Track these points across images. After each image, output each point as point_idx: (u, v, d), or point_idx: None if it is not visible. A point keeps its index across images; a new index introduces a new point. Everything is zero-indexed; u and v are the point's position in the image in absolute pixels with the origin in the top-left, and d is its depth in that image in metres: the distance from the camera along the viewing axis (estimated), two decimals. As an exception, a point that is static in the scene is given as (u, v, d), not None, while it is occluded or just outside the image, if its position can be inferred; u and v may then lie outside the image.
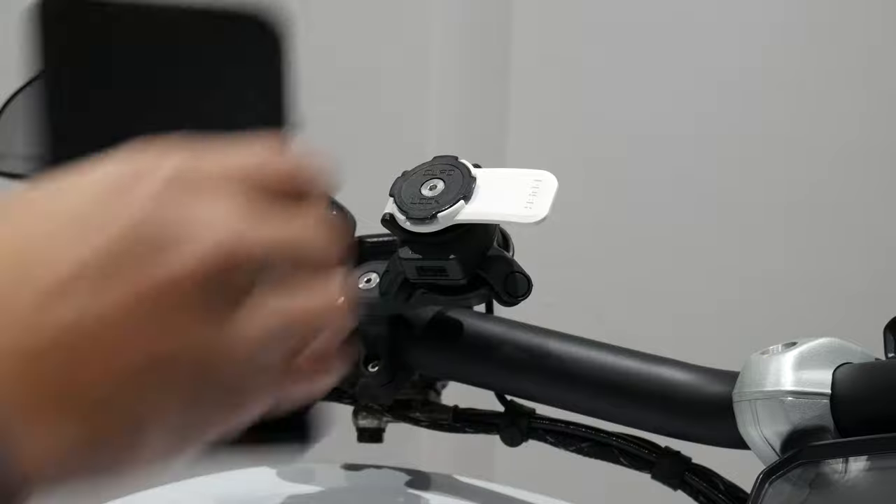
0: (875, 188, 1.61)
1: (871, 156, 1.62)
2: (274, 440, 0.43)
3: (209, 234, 0.33)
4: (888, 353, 0.53)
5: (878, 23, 1.63)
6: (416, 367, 0.65)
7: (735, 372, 0.56)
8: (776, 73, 1.63)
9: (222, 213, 0.33)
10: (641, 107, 1.63)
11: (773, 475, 0.51)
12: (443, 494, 0.67)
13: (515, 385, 0.63)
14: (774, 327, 1.47)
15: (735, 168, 1.63)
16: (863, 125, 1.62)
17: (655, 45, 1.64)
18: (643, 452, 0.62)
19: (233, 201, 0.34)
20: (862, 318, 0.80)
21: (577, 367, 0.60)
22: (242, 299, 0.33)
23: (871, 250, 1.60)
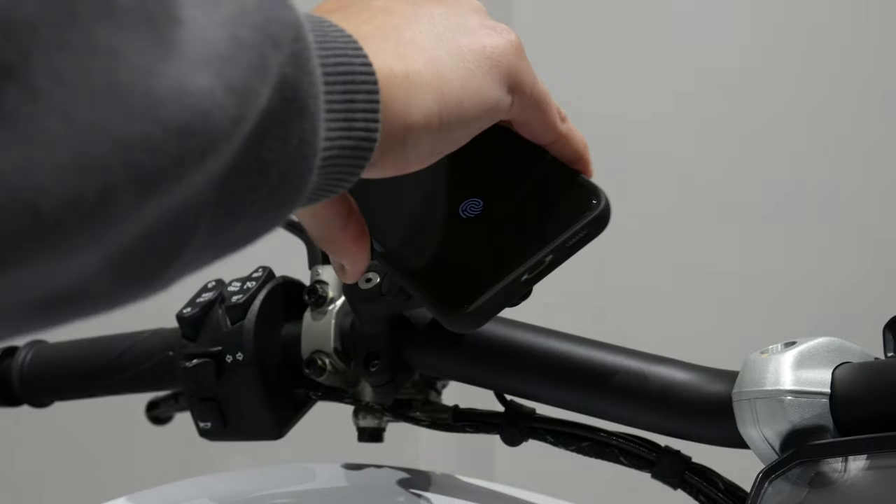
0: (875, 188, 1.62)
1: (871, 155, 1.62)
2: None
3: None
4: (887, 352, 0.53)
5: (879, 23, 1.63)
6: (417, 367, 0.65)
7: (734, 371, 0.56)
8: (776, 74, 1.63)
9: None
10: (642, 107, 1.63)
11: (773, 474, 0.51)
12: (443, 494, 0.67)
13: (515, 385, 0.63)
14: (774, 327, 1.48)
15: (735, 168, 1.63)
16: (863, 125, 1.62)
17: (655, 45, 1.65)
18: (643, 452, 0.62)
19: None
20: (861, 317, 0.80)
21: (577, 367, 0.60)
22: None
23: (871, 250, 1.60)
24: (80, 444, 1.57)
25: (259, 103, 0.33)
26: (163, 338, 0.73)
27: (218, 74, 0.31)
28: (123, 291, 0.33)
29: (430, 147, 0.44)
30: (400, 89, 0.41)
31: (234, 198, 0.34)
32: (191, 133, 0.30)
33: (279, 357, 0.67)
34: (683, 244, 1.63)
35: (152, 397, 0.85)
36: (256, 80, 0.33)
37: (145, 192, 0.30)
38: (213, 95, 0.31)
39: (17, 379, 0.78)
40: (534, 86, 0.48)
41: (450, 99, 0.43)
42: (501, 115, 0.46)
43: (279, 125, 0.34)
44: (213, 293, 0.68)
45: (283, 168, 0.35)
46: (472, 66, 0.44)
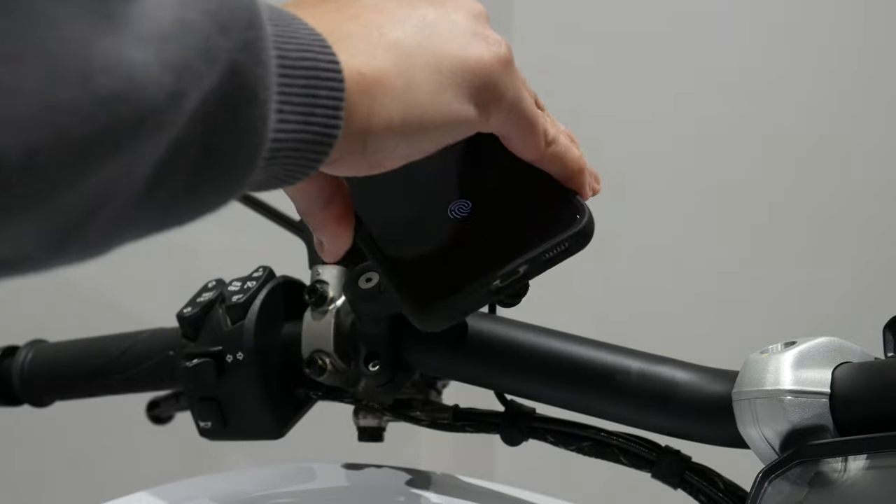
0: (875, 188, 1.62)
1: (871, 155, 1.62)
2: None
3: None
4: (887, 352, 0.53)
5: (879, 23, 1.63)
6: (417, 367, 0.65)
7: (734, 371, 0.56)
8: (776, 74, 1.63)
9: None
10: (642, 106, 1.63)
11: (773, 474, 0.51)
12: (443, 494, 0.67)
13: (515, 385, 0.63)
14: (774, 326, 1.48)
15: (735, 168, 1.63)
16: (863, 125, 1.62)
17: (655, 45, 1.65)
18: (643, 451, 0.62)
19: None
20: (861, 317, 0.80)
21: (577, 367, 0.60)
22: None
23: (871, 250, 1.60)
24: (80, 444, 1.57)
25: (202, 84, 0.33)
26: (163, 337, 0.73)
27: (157, 52, 0.32)
28: (58, 258, 0.34)
29: (392, 153, 0.43)
30: (366, 93, 0.41)
31: (175, 176, 0.34)
32: (123, 102, 0.31)
33: (279, 357, 0.67)
34: (683, 244, 1.63)
35: (153, 397, 0.85)
36: (198, 62, 0.33)
37: (76, 159, 0.30)
38: (148, 70, 0.31)
39: (18, 379, 0.78)
40: (515, 103, 0.46)
41: (414, 109, 0.43)
42: (473, 128, 0.46)
43: (226, 110, 0.35)
44: (214, 293, 0.68)
45: (227, 152, 0.36)
46: (446, 79, 0.44)
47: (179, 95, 0.32)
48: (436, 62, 0.44)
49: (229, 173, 0.37)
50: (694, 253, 1.63)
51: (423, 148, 0.45)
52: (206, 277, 0.70)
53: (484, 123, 0.46)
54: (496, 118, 0.46)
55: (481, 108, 0.45)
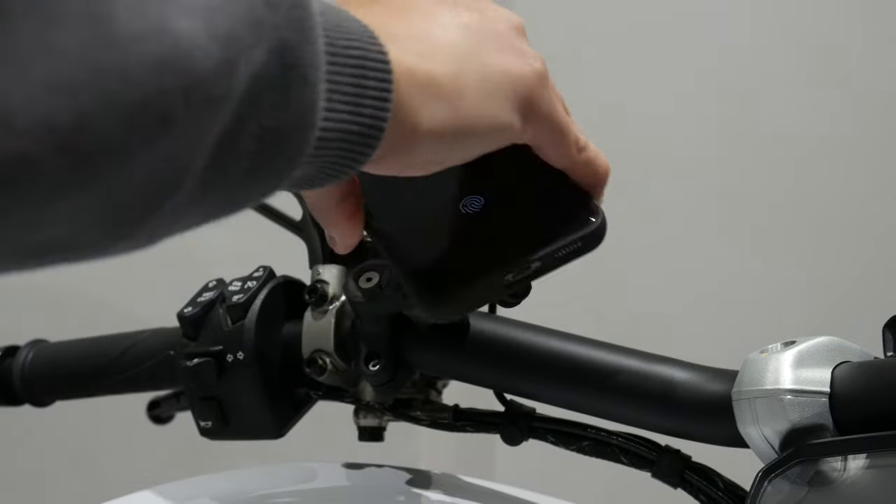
0: (875, 188, 1.62)
1: (871, 155, 1.62)
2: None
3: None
4: (887, 351, 0.53)
5: (879, 23, 1.63)
6: (417, 366, 0.65)
7: (734, 371, 0.56)
8: (777, 74, 1.63)
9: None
10: (642, 106, 1.63)
11: (772, 473, 0.51)
12: (443, 493, 0.67)
13: (515, 385, 0.63)
14: (774, 326, 1.48)
15: (735, 168, 1.63)
16: (864, 125, 1.62)
17: (655, 45, 1.65)
18: (643, 451, 0.62)
19: None
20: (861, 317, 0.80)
21: (577, 366, 0.60)
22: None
23: (871, 250, 1.60)
24: (80, 444, 1.57)
25: (251, 57, 0.33)
26: (164, 337, 0.73)
27: (204, 20, 0.31)
28: (116, 247, 0.33)
29: (434, 156, 0.44)
30: (417, 91, 0.41)
31: (225, 158, 0.34)
32: (170, 69, 0.30)
33: (280, 356, 0.67)
34: (683, 244, 1.63)
35: (153, 397, 0.85)
36: (245, 32, 0.33)
37: (128, 127, 0.30)
38: (194, 38, 0.31)
39: (18, 378, 0.78)
40: (551, 115, 0.47)
41: (463, 115, 0.43)
42: (513, 139, 0.46)
43: (277, 90, 0.35)
44: (214, 292, 0.68)
45: (279, 134, 0.35)
46: (492, 88, 0.44)
47: (227, 65, 0.32)
48: (484, 71, 0.44)
49: (282, 157, 0.36)
50: (694, 253, 1.63)
51: (464, 155, 0.45)
52: (206, 277, 0.71)
53: (521, 134, 0.47)
54: (533, 130, 0.47)
55: (522, 120, 0.46)
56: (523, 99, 0.46)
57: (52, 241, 0.31)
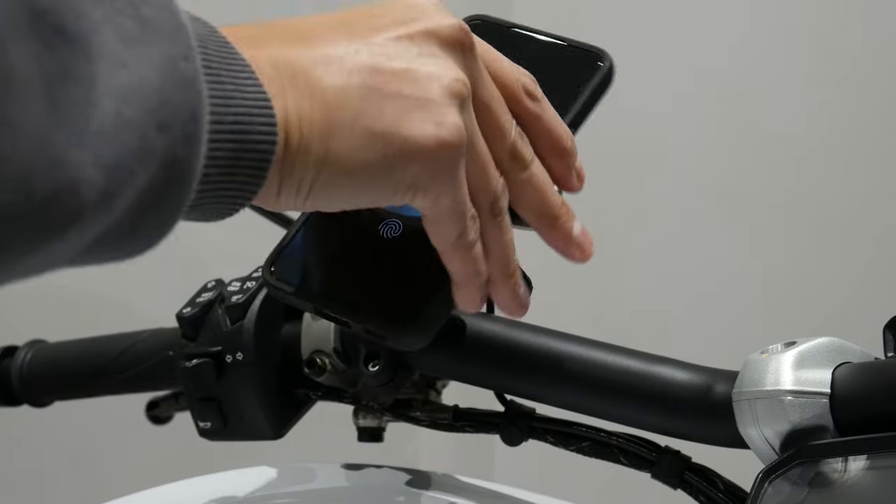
0: (875, 188, 1.61)
1: (871, 155, 1.62)
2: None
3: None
4: (887, 352, 0.53)
5: (879, 23, 1.63)
6: (416, 367, 0.65)
7: (734, 371, 0.56)
8: (777, 74, 1.63)
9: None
10: (641, 106, 1.63)
11: (773, 474, 0.51)
12: (443, 494, 0.67)
13: (515, 385, 0.63)
14: (774, 327, 1.48)
15: (735, 168, 1.63)
16: (864, 125, 1.62)
17: (655, 45, 1.65)
18: (643, 452, 0.62)
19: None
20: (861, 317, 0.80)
21: (577, 367, 0.60)
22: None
23: (871, 250, 1.60)
24: (80, 444, 1.57)
25: (136, 182, 0.34)
26: (163, 337, 0.72)
27: (94, 149, 0.32)
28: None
29: (300, 206, 0.44)
30: (298, 144, 0.41)
31: (100, 247, 0.35)
32: (56, 204, 0.31)
33: (279, 357, 0.67)
34: (683, 244, 1.63)
35: (152, 397, 0.85)
36: (131, 161, 0.33)
37: (7, 253, 0.31)
38: (84, 170, 0.32)
39: (17, 379, 0.78)
40: (442, 197, 0.45)
41: (329, 177, 0.42)
42: (393, 202, 0.45)
43: (159, 198, 0.35)
44: (213, 293, 0.68)
45: (151, 223, 0.36)
46: (379, 149, 0.42)
47: (110, 195, 0.33)
48: (371, 133, 0.42)
49: (148, 235, 0.37)
50: (694, 253, 1.63)
51: (331, 207, 0.45)
52: (205, 277, 0.70)
53: (404, 201, 0.45)
54: (419, 202, 0.45)
55: (407, 189, 0.44)
56: (414, 169, 0.43)
57: None
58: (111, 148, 0.32)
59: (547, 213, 0.50)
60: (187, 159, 0.36)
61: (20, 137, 0.30)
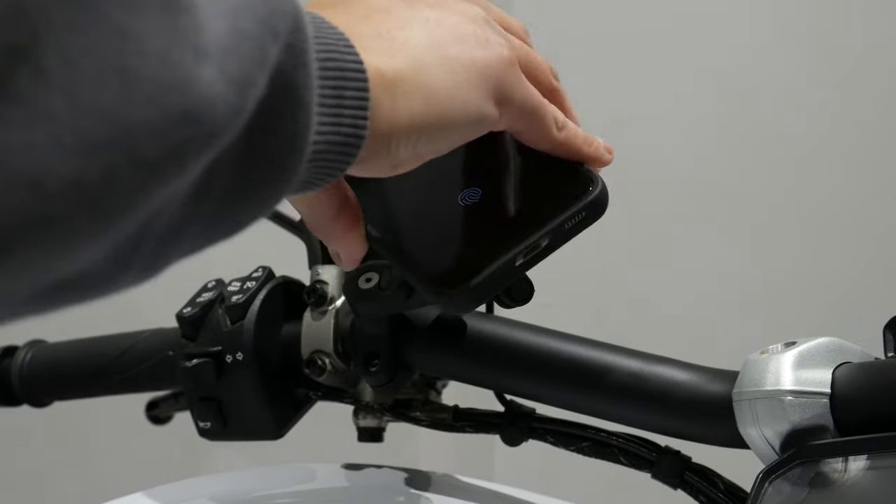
0: (875, 188, 1.61)
1: (871, 155, 1.62)
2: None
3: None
4: (888, 352, 0.53)
5: (879, 23, 1.63)
6: (417, 367, 0.65)
7: (735, 371, 0.56)
8: (777, 74, 1.63)
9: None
10: (641, 106, 1.63)
11: (773, 474, 0.51)
12: (443, 494, 0.67)
13: (515, 385, 0.63)
14: (774, 327, 1.48)
15: (735, 168, 1.63)
16: (864, 125, 1.62)
17: (655, 45, 1.65)
18: (643, 452, 0.62)
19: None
20: (861, 317, 0.80)
21: (577, 366, 0.60)
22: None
23: (871, 250, 1.60)
24: (80, 444, 1.57)
25: (257, 93, 0.33)
26: (163, 337, 0.72)
27: (220, 66, 0.31)
28: (123, 276, 0.33)
29: (412, 152, 0.44)
30: (388, 92, 0.42)
31: (228, 184, 0.34)
32: (194, 122, 0.31)
33: (279, 357, 0.67)
34: (683, 244, 1.63)
35: (152, 397, 0.85)
36: (256, 72, 0.33)
37: (148, 177, 0.30)
38: (215, 86, 0.31)
39: (17, 379, 0.78)
40: (525, 99, 0.48)
41: (434, 108, 0.43)
42: (489, 127, 0.46)
43: (273, 113, 0.35)
44: (213, 293, 0.68)
45: (274, 156, 0.36)
46: (460, 78, 0.44)
47: (241, 108, 0.32)
48: (449, 62, 0.44)
49: (273, 178, 0.36)
50: (694, 253, 1.63)
51: (441, 147, 0.45)
52: (205, 277, 0.70)
53: (496, 122, 0.47)
54: (507, 116, 0.47)
55: (494, 107, 0.46)
56: (493, 86, 0.46)
57: (62, 280, 0.31)
58: (235, 62, 0.32)
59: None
60: (296, 71, 0.35)
61: (146, 53, 0.29)
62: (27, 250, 0.28)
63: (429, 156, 0.45)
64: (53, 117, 0.28)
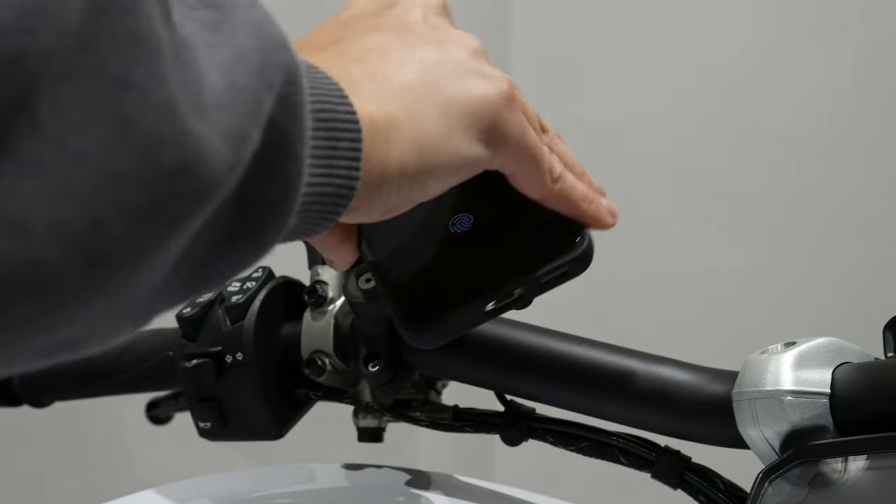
0: (875, 188, 1.61)
1: (871, 155, 1.62)
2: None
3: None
4: (887, 352, 0.53)
5: (879, 23, 1.63)
6: (417, 367, 0.65)
7: (734, 371, 0.56)
8: (777, 74, 1.63)
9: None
10: (642, 106, 1.63)
11: (773, 474, 0.51)
12: (443, 494, 0.67)
13: (515, 385, 0.63)
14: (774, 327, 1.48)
15: (735, 168, 1.63)
16: (863, 125, 1.62)
17: (655, 45, 1.65)
18: (643, 452, 0.62)
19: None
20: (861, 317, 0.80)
21: (577, 367, 0.60)
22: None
23: (871, 250, 1.60)
24: (80, 444, 1.57)
25: (252, 147, 0.33)
26: (163, 338, 0.72)
27: (214, 121, 0.31)
28: (115, 334, 0.33)
29: (405, 197, 0.43)
30: (380, 140, 0.41)
31: (217, 235, 0.34)
32: (185, 175, 0.30)
33: (279, 357, 0.67)
34: (683, 244, 1.63)
35: (152, 397, 0.85)
36: (251, 126, 0.33)
37: (137, 227, 0.30)
38: (209, 141, 0.31)
39: (17, 379, 0.78)
40: (521, 141, 0.46)
41: (426, 156, 0.43)
42: (481, 168, 0.46)
43: (265, 166, 0.34)
44: (213, 293, 0.68)
45: (264, 209, 0.35)
46: (455, 122, 0.43)
47: (237, 164, 0.32)
48: (443, 105, 0.43)
49: (261, 231, 0.36)
50: (694, 253, 1.63)
51: (433, 192, 0.45)
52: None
53: (490, 162, 0.46)
54: (501, 157, 0.46)
55: (488, 148, 0.45)
56: (488, 125, 0.44)
57: (67, 341, 0.31)
58: (230, 118, 0.32)
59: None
60: (288, 124, 0.35)
61: (146, 103, 0.29)
62: (25, 299, 0.28)
63: (419, 199, 0.45)
64: (40, 164, 0.28)
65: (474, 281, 0.50)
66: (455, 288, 0.50)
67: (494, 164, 0.46)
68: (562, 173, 0.49)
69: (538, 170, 0.48)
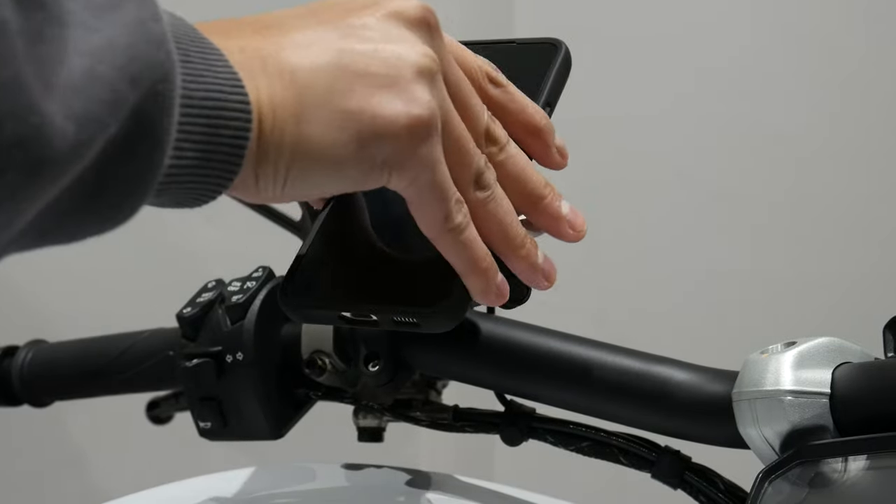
0: (875, 188, 1.61)
1: (871, 155, 1.62)
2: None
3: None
4: (887, 352, 0.53)
5: (880, 23, 1.63)
6: (417, 367, 0.65)
7: (734, 371, 0.56)
8: (777, 74, 1.63)
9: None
10: (641, 107, 1.63)
11: (773, 474, 0.51)
12: (443, 494, 0.67)
13: (515, 385, 0.63)
14: (774, 327, 1.48)
15: (735, 167, 1.63)
16: (864, 125, 1.62)
17: (655, 45, 1.65)
18: (643, 452, 0.62)
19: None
20: (861, 317, 0.80)
21: (577, 366, 0.60)
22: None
23: (871, 250, 1.60)
24: (80, 444, 1.57)
25: (107, 132, 0.35)
26: (163, 337, 0.73)
27: (64, 101, 0.33)
28: None
29: (279, 194, 0.44)
30: (268, 132, 0.42)
31: (73, 206, 0.36)
32: (22, 148, 0.32)
33: (279, 357, 0.67)
34: (683, 244, 1.63)
35: (152, 397, 0.85)
36: (103, 113, 0.34)
37: None
38: (54, 119, 0.32)
39: (17, 379, 0.78)
40: (420, 176, 0.44)
41: (302, 158, 0.42)
42: (373, 185, 0.44)
43: (126, 153, 0.36)
44: (213, 293, 0.68)
45: (119, 187, 0.37)
46: (349, 134, 0.42)
47: (82, 145, 0.34)
48: (342, 113, 0.42)
49: (119, 206, 0.38)
50: (694, 253, 1.63)
51: (314, 194, 0.45)
52: (205, 278, 0.70)
53: (386, 182, 0.44)
54: (397, 182, 0.44)
55: (383, 169, 0.44)
56: (386, 152, 0.43)
57: None
58: (81, 101, 0.33)
59: (531, 193, 0.50)
60: (159, 118, 0.37)
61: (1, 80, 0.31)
62: None
63: (302, 198, 0.46)
64: None
65: (354, 286, 0.51)
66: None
67: (391, 185, 0.45)
68: (460, 224, 0.46)
69: (433, 211, 0.46)
